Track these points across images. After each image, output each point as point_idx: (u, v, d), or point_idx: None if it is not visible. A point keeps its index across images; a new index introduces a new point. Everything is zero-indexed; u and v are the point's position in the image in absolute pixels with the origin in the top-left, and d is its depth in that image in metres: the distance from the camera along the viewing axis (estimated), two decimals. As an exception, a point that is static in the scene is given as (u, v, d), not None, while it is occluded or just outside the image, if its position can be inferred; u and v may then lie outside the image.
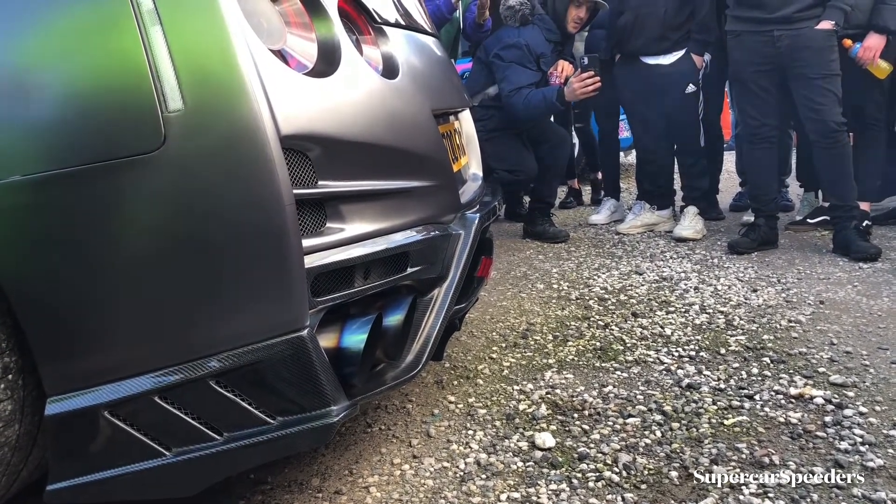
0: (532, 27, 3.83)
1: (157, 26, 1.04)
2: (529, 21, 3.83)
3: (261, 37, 1.11)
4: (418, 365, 1.38)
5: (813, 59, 3.12)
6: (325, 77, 1.21)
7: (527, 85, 3.69)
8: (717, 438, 1.63)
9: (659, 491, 1.44)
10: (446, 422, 1.79)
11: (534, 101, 3.64)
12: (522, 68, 3.73)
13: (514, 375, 2.07)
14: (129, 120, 1.04)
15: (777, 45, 3.18)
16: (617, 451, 1.59)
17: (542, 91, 3.67)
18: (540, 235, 4.04)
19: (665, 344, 2.26)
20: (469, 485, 1.49)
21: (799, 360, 2.06)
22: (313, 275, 1.14)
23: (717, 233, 4.00)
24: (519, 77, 3.71)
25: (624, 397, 1.87)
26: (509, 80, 3.71)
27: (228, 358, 1.09)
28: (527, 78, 3.72)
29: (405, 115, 1.41)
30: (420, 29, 1.75)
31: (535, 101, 3.64)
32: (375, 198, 1.29)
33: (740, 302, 2.67)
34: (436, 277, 1.47)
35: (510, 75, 3.72)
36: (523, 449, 1.63)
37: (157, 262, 1.07)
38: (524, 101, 3.65)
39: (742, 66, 3.38)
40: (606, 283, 3.04)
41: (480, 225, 1.63)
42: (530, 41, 3.77)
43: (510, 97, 3.69)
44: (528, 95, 3.65)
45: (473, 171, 2.03)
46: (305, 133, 1.13)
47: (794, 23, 3.13)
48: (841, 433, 1.61)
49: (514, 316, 2.65)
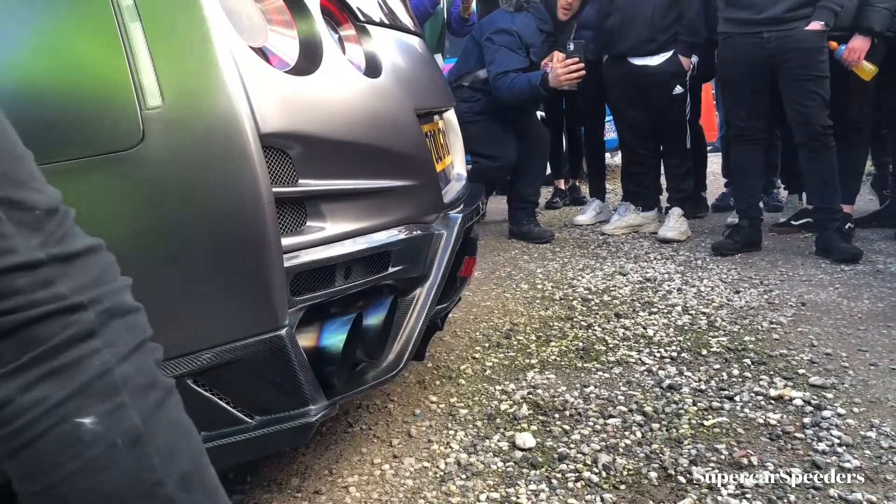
0: (526, 14, 3.85)
1: (136, 23, 1.03)
2: (524, 8, 3.85)
3: (242, 34, 1.11)
4: (399, 365, 1.38)
5: (802, 60, 3.13)
6: (306, 75, 1.20)
7: (514, 69, 3.72)
8: (696, 439, 1.63)
9: (638, 491, 1.44)
10: (427, 422, 1.79)
11: (519, 84, 3.68)
12: (511, 52, 3.76)
13: (496, 375, 2.07)
14: (108, 117, 1.03)
15: (766, 47, 3.19)
16: (597, 452, 1.59)
17: (527, 76, 3.70)
18: (525, 235, 4.05)
19: (647, 345, 2.27)
20: (449, 485, 1.49)
21: (779, 361, 2.08)
22: (293, 273, 1.13)
23: (701, 234, 4.02)
24: (507, 61, 3.74)
25: (605, 398, 1.88)
26: (498, 63, 3.75)
27: (206, 357, 1.08)
28: (515, 62, 3.75)
29: (387, 114, 1.40)
30: (404, 28, 1.75)
31: (519, 85, 3.68)
32: (357, 197, 1.29)
33: (723, 303, 2.68)
34: (417, 277, 1.47)
35: (499, 58, 3.75)
36: (504, 449, 1.63)
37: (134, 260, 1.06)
38: (510, 85, 3.69)
39: (731, 67, 3.39)
40: (590, 284, 3.05)
41: (463, 225, 1.63)
42: (522, 29, 3.79)
43: (497, 80, 3.73)
44: (514, 79, 3.69)
45: (457, 170, 2.03)
46: (286, 131, 1.13)
47: (784, 23, 3.14)
48: (819, 434, 1.62)
49: (497, 316, 2.65)
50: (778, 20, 3.15)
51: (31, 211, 0.63)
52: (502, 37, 3.78)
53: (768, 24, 3.17)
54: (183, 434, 0.69)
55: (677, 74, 3.80)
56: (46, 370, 0.61)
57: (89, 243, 0.68)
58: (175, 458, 0.67)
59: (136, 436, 0.64)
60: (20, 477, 0.63)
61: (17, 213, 0.62)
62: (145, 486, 0.64)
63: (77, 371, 0.62)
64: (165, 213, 1.05)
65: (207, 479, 0.71)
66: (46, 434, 0.61)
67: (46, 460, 0.61)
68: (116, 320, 0.67)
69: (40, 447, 0.61)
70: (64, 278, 0.63)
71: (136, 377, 0.66)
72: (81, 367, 0.62)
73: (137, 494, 0.63)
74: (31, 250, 0.62)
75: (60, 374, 0.61)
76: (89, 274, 0.66)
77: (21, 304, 0.61)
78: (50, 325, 0.61)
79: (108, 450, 0.62)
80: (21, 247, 0.61)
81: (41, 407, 0.60)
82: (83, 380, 0.62)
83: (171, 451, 0.67)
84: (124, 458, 0.63)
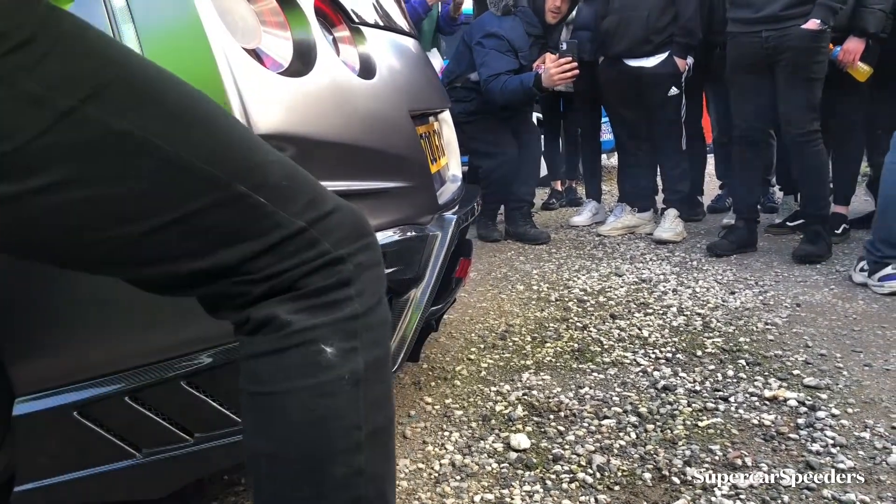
0: (514, 18, 3.87)
1: (129, 24, 1.03)
2: (511, 12, 3.86)
3: (235, 35, 1.10)
4: (394, 366, 1.38)
5: (794, 59, 3.12)
6: (300, 77, 1.20)
7: (505, 72, 3.74)
8: (691, 440, 1.64)
9: (632, 492, 1.45)
10: (422, 423, 1.79)
11: (510, 86, 3.69)
12: (501, 55, 3.78)
13: (491, 377, 2.07)
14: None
15: (765, 46, 3.20)
16: (591, 453, 1.59)
17: (519, 77, 3.71)
18: (521, 237, 4.05)
19: (642, 346, 2.27)
20: (443, 486, 1.49)
21: (774, 362, 2.08)
22: (286, 275, 1.13)
23: (696, 235, 4.03)
24: (497, 63, 3.76)
25: (600, 399, 1.88)
26: (488, 66, 3.76)
27: (200, 359, 1.08)
28: (505, 64, 3.77)
29: (382, 115, 1.40)
30: (399, 30, 1.75)
31: (511, 87, 3.69)
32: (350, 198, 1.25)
33: (718, 304, 2.69)
34: (412, 278, 1.47)
35: (489, 61, 3.77)
36: (498, 450, 1.63)
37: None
38: (501, 87, 3.70)
39: (735, 66, 3.39)
40: (586, 285, 3.05)
41: (458, 226, 1.63)
42: (509, 33, 3.81)
43: (488, 83, 3.74)
44: (505, 81, 3.70)
45: (453, 171, 2.02)
46: (279, 133, 1.12)
47: (781, 21, 3.14)
48: (813, 435, 1.63)
49: (493, 317, 2.65)
50: (775, 18, 3.15)
51: (279, 185, 0.72)
52: (491, 41, 3.80)
53: (766, 23, 3.18)
54: (387, 395, 0.78)
55: (672, 76, 3.80)
56: (311, 304, 0.71)
57: (336, 203, 0.77)
58: (376, 412, 0.75)
59: (357, 378, 0.73)
60: (251, 379, 0.72)
61: (268, 192, 0.70)
62: (347, 424, 0.72)
63: (333, 310, 0.72)
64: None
65: (391, 444, 0.79)
66: (296, 348, 0.70)
67: (286, 369, 0.71)
68: (367, 272, 0.76)
69: (286, 356, 0.70)
70: (325, 235, 0.73)
71: (371, 331, 0.75)
72: (337, 307, 0.72)
73: (340, 427, 0.72)
74: (292, 221, 0.71)
75: (320, 309, 0.71)
76: (343, 230, 0.75)
77: (294, 264, 0.71)
78: (318, 277, 0.72)
79: (337, 380, 0.71)
80: (284, 220, 0.71)
81: (300, 325, 0.70)
82: (335, 317, 0.72)
83: (376, 404, 0.75)
84: (345, 392, 0.72)
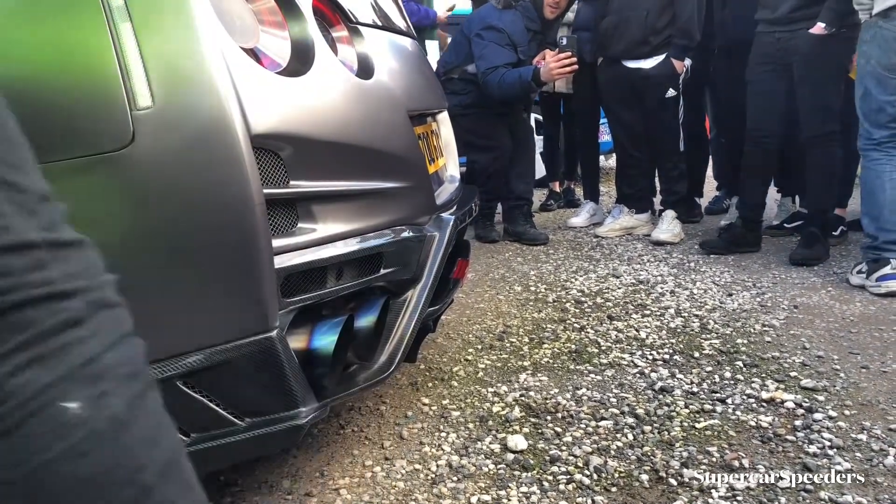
0: (514, 12, 3.86)
1: (126, 23, 1.03)
2: (512, 6, 3.86)
3: (233, 35, 1.10)
4: (391, 367, 1.38)
5: (807, 62, 3.12)
6: (298, 76, 1.20)
7: (503, 65, 3.73)
8: (688, 442, 1.64)
9: (629, 494, 1.44)
10: (419, 424, 1.78)
11: (508, 79, 3.68)
12: (500, 48, 3.77)
13: (488, 377, 2.07)
14: (98, 117, 1.03)
15: (778, 48, 3.20)
16: (588, 454, 1.59)
17: (518, 70, 3.71)
18: (520, 236, 4.05)
19: (640, 347, 2.27)
20: (440, 487, 1.49)
21: (771, 364, 2.08)
22: (284, 275, 1.13)
23: (694, 237, 4.03)
24: (496, 56, 3.75)
25: (597, 400, 1.88)
26: (486, 59, 3.76)
27: (196, 358, 1.08)
28: (504, 57, 3.76)
29: (380, 115, 1.40)
30: (397, 30, 1.74)
31: (510, 80, 3.68)
32: (348, 198, 1.28)
33: (715, 306, 2.69)
34: (410, 279, 1.47)
35: (487, 54, 3.76)
36: (495, 451, 1.63)
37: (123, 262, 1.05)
38: (499, 80, 3.69)
39: (754, 66, 3.40)
40: (584, 286, 3.05)
41: (456, 226, 1.63)
42: (509, 26, 3.81)
43: (486, 75, 3.74)
44: (504, 74, 3.70)
45: (451, 172, 2.02)
46: (277, 132, 1.12)
47: (790, 24, 3.15)
48: (810, 437, 1.63)
49: (490, 318, 2.65)
50: (786, 20, 3.16)
51: (25, 193, 0.63)
52: (491, 33, 3.79)
53: (779, 24, 3.18)
54: (164, 426, 0.69)
55: (670, 77, 3.80)
56: (34, 355, 0.60)
57: (78, 236, 0.67)
58: (156, 448, 0.67)
59: (119, 422, 0.64)
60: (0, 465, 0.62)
61: (12, 194, 0.61)
62: (125, 472, 0.63)
63: (64, 357, 0.61)
64: (156, 214, 1.05)
65: (186, 473, 0.71)
66: (32, 417, 0.60)
67: (30, 444, 0.60)
68: (103, 311, 0.66)
69: (25, 431, 0.60)
70: (56, 263, 0.63)
71: (121, 366, 0.66)
72: (69, 353, 0.62)
73: (117, 480, 0.63)
74: (26, 231, 0.61)
75: (48, 359, 0.61)
76: (79, 264, 0.65)
77: (13, 285, 0.60)
78: (40, 310, 0.61)
79: (92, 434, 0.62)
80: (16, 226, 0.61)
81: (28, 390, 0.60)
82: (70, 366, 0.61)
83: (152, 440, 0.67)
84: (107, 443, 0.63)
